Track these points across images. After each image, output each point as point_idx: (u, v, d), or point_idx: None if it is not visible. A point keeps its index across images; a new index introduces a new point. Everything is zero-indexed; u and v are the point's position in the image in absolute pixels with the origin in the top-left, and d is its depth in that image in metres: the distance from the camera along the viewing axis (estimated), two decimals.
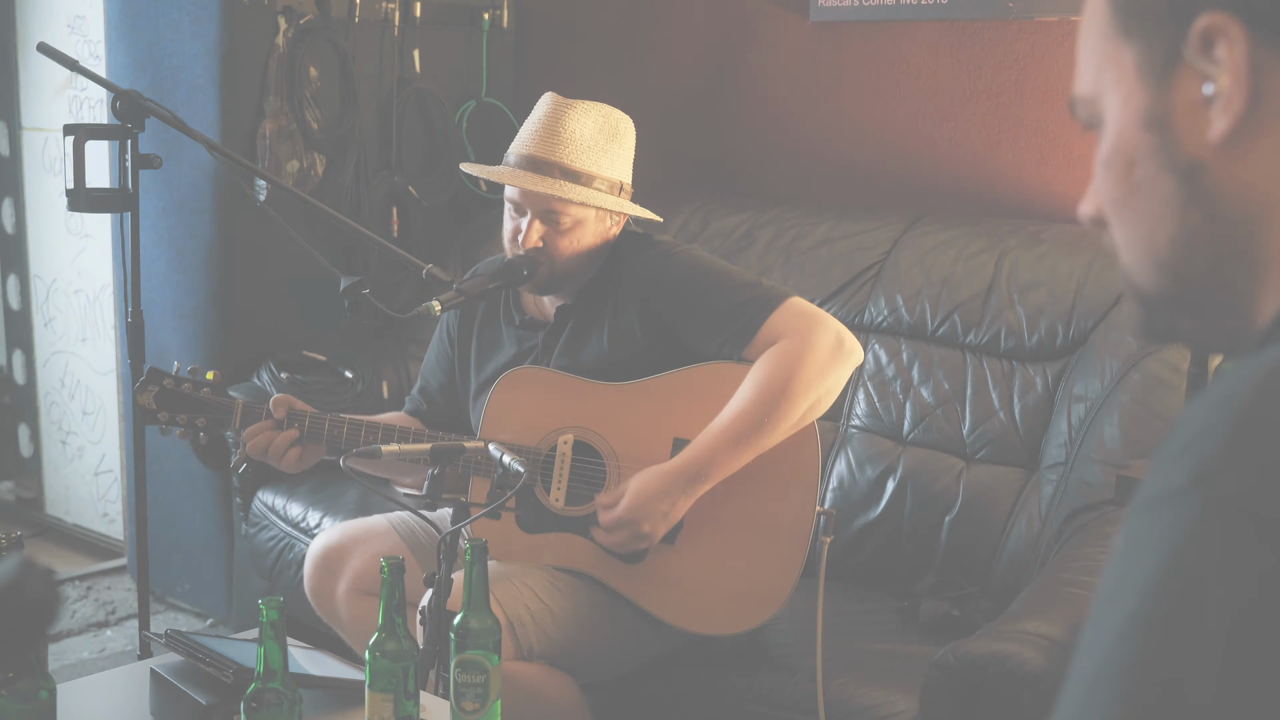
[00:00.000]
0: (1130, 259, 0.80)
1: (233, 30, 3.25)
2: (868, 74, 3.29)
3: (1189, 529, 0.59)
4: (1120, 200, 0.79)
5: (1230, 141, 0.73)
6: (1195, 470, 0.60)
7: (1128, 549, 0.62)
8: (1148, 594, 0.60)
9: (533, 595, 2.24)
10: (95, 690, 2.08)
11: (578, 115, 2.31)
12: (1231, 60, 0.71)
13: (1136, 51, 0.76)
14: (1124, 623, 0.60)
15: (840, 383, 2.24)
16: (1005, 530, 2.59)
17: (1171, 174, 0.75)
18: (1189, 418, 0.63)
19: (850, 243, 3.01)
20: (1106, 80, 0.79)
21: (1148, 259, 0.78)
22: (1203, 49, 0.73)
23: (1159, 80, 0.75)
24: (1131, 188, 0.78)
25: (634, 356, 2.32)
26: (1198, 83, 0.73)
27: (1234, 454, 0.60)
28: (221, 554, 3.47)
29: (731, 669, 2.33)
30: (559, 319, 2.40)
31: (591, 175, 2.30)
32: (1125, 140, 0.78)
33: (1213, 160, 0.73)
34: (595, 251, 2.36)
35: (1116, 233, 0.80)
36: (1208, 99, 0.73)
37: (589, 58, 3.81)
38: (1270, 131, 0.72)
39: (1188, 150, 0.74)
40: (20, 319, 4.19)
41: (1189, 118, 0.74)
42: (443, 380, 2.56)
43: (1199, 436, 0.62)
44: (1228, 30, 0.71)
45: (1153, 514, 0.61)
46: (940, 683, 2.05)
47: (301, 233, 3.34)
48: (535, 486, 2.33)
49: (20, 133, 4.07)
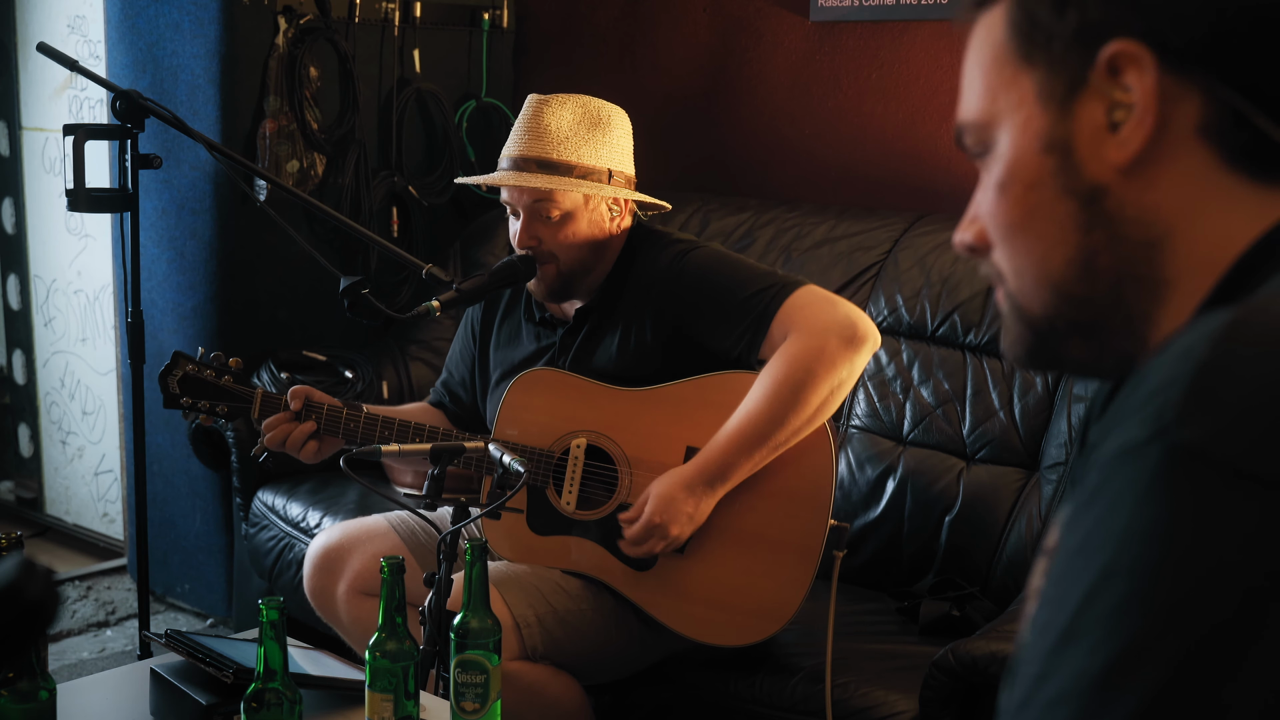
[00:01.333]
0: (1021, 283, 0.81)
1: (233, 30, 3.25)
2: (868, 74, 3.29)
3: (1151, 481, 0.60)
4: (1014, 225, 0.80)
5: (1135, 166, 0.74)
6: (1155, 423, 0.61)
7: (1093, 503, 0.63)
8: (1118, 548, 0.60)
9: (539, 596, 2.24)
10: (95, 690, 2.08)
11: (553, 109, 2.32)
12: (1142, 87, 0.73)
13: (1038, 77, 0.78)
14: (1096, 576, 0.60)
15: (856, 371, 2.20)
16: (1005, 530, 2.59)
17: (1072, 197, 0.77)
18: (1149, 373, 0.64)
19: (850, 243, 3.01)
20: (1002, 105, 0.80)
21: (1042, 282, 0.79)
22: (1110, 75, 0.74)
23: (1062, 105, 0.77)
24: (1027, 212, 0.79)
25: (648, 359, 2.31)
26: (1102, 108, 0.75)
27: (1192, 405, 0.61)
28: (221, 554, 3.47)
29: (733, 670, 2.33)
30: (577, 319, 2.40)
31: (570, 165, 2.30)
32: (1023, 164, 0.79)
33: (1115, 184, 0.75)
34: (599, 245, 2.35)
35: (1005, 258, 0.81)
36: (1112, 124, 0.75)
37: (589, 58, 3.81)
38: (1173, 156, 0.74)
39: (1089, 174, 0.76)
40: (20, 319, 4.19)
41: (1091, 142, 0.76)
42: (465, 373, 2.57)
43: (1159, 390, 0.63)
44: (1138, 58, 0.73)
45: (1116, 468, 0.62)
46: (940, 683, 2.05)
47: (301, 233, 3.34)
48: (547, 489, 2.33)
49: (20, 133, 4.07)
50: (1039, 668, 0.61)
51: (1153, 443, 0.61)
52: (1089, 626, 0.60)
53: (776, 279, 2.26)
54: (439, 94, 3.65)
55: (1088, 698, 0.58)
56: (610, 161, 2.34)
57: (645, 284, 2.33)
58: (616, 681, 2.38)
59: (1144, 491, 0.60)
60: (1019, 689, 0.63)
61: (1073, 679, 0.59)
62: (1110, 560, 0.60)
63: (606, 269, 2.38)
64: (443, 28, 3.69)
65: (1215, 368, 0.62)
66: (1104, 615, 0.59)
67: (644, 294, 2.33)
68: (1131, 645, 0.58)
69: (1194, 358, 0.62)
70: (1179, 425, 0.60)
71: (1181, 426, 0.60)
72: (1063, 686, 0.59)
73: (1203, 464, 0.59)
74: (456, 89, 3.75)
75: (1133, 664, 0.58)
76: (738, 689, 2.32)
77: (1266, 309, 0.65)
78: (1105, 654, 0.58)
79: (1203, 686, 0.57)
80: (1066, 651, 0.60)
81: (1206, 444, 0.60)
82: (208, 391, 2.33)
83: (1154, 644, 0.58)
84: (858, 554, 2.72)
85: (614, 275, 2.38)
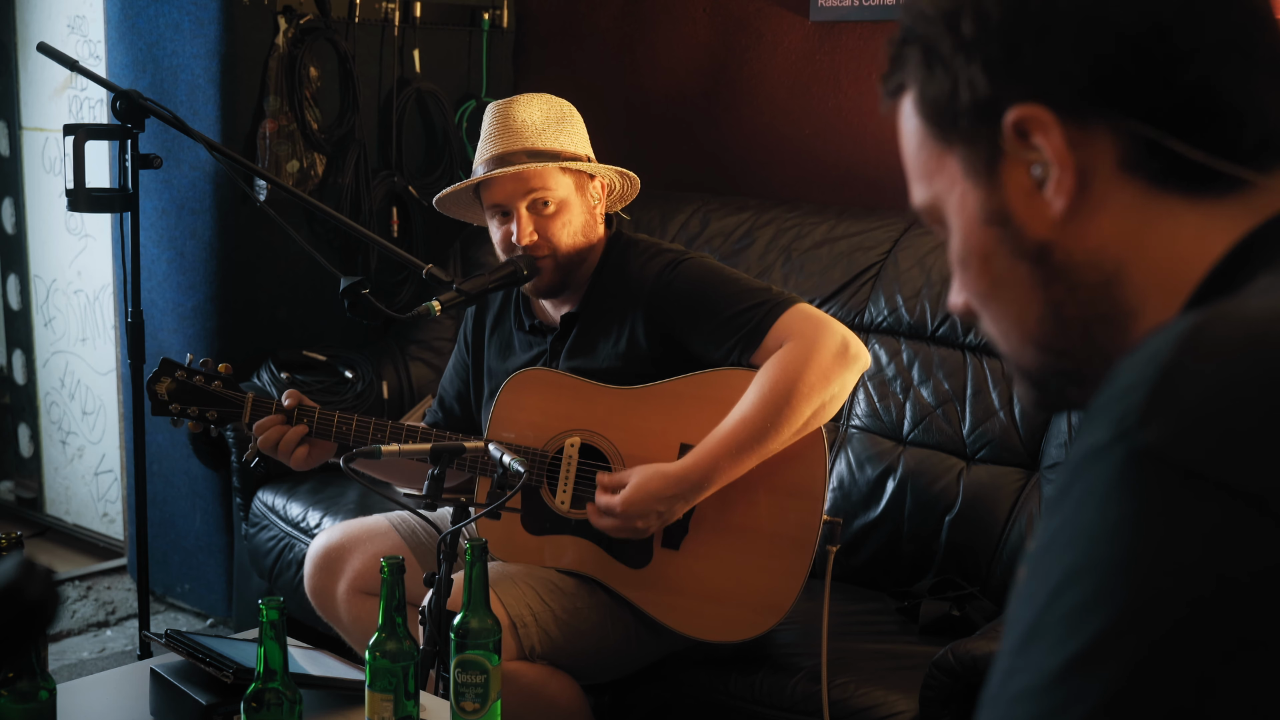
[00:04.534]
0: (1009, 345, 0.83)
1: (233, 30, 3.25)
2: (868, 74, 3.29)
3: (1113, 483, 0.61)
4: (985, 294, 0.83)
5: (1070, 216, 0.76)
6: (1119, 425, 0.62)
7: (1061, 503, 0.64)
8: (1081, 548, 0.61)
9: (536, 596, 2.24)
10: (95, 690, 2.08)
11: (522, 106, 2.35)
12: (1051, 144, 0.75)
13: (959, 155, 0.80)
14: (1061, 575, 0.61)
15: (846, 388, 2.22)
16: (1005, 530, 2.59)
17: (1023, 259, 0.79)
18: (1118, 375, 0.65)
19: (850, 243, 3.01)
20: (939, 188, 0.83)
21: (1025, 341, 0.82)
22: (1020, 140, 0.76)
23: (988, 177, 0.79)
24: (992, 280, 0.81)
25: (638, 362, 2.32)
26: (1025, 171, 0.77)
27: (1154, 407, 0.62)
28: (221, 554, 3.47)
29: (732, 670, 2.33)
30: (565, 324, 2.40)
31: (555, 151, 2.31)
32: (973, 238, 0.81)
33: (1058, 237, 0.77)
34: (590, 233, 2.37)
35: (990, 323, 0.84)
36: (1038, 182, 0.77)
37: (589, 58, 3.81)
38: (1103, 196, 0.76)
39: (1032, 234, 0.78)
40: (20, 319, 4.19)
41: (1025, 205, 0.78)
42: (460, 387, 2.57)
43: (1124, 393, 0.63)
44: (1038, 119, 0.75)
45: (1083, 469, 0.63)
46: (940, 683, 2.05)
47: (301, 233, 3.34)
48: (541, 488, 2.33)
49: (20, 133, 4.07)
50: (1007, 663, 0.63)
51: (1115, 445, 0.62)
52: (1052, 624, 0.61)
53: (770, 295, 2.26)
54: (439, 94, 3.65)
55: (1049, 694, 0.59)
56: (584, 149, 2.37)
57: (634, 289, 2.33)
58: (615, 681, 2.38)
59: (1106, 493, 0.61)
60: (990, 683, 0.64)
61: (1036, 675, 0.60)
62: (1074, 560, 0.61)
63: (591, 266, 2.38)
64: (443, 28, 3.69)
65: (1178, 371, 0.62)
66: (1066, 614, 0.60)
67: (633, 299, 2.33)
68: (1091, 643, 0.59)
69: (1158, 361, 0.63)
70: (1141, 428, 0.61)
71: (1143, 429, 0.61)
72: (1027, 682, 0.60)
73: (1163, 467, 0.60)
74: (456, 89, 3.75)
75: (1093, 662, 0.58)
76: (737, 689, 2.32)
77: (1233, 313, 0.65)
78: (1066, 652, 0.59)
79: (1160, 686, 0.57)
80: (1031, 648, 0.61)
81: (1166, 447, 0.60)
82: (197, 397, 2.32)
83: (1113, 643, 0.58)
84: (858, 554, 2.72)
85: (599, 278, 2.38)
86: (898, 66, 0.83)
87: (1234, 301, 0.68)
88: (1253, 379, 0.61)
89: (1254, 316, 0.64)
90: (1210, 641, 0.57)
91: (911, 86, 0.82)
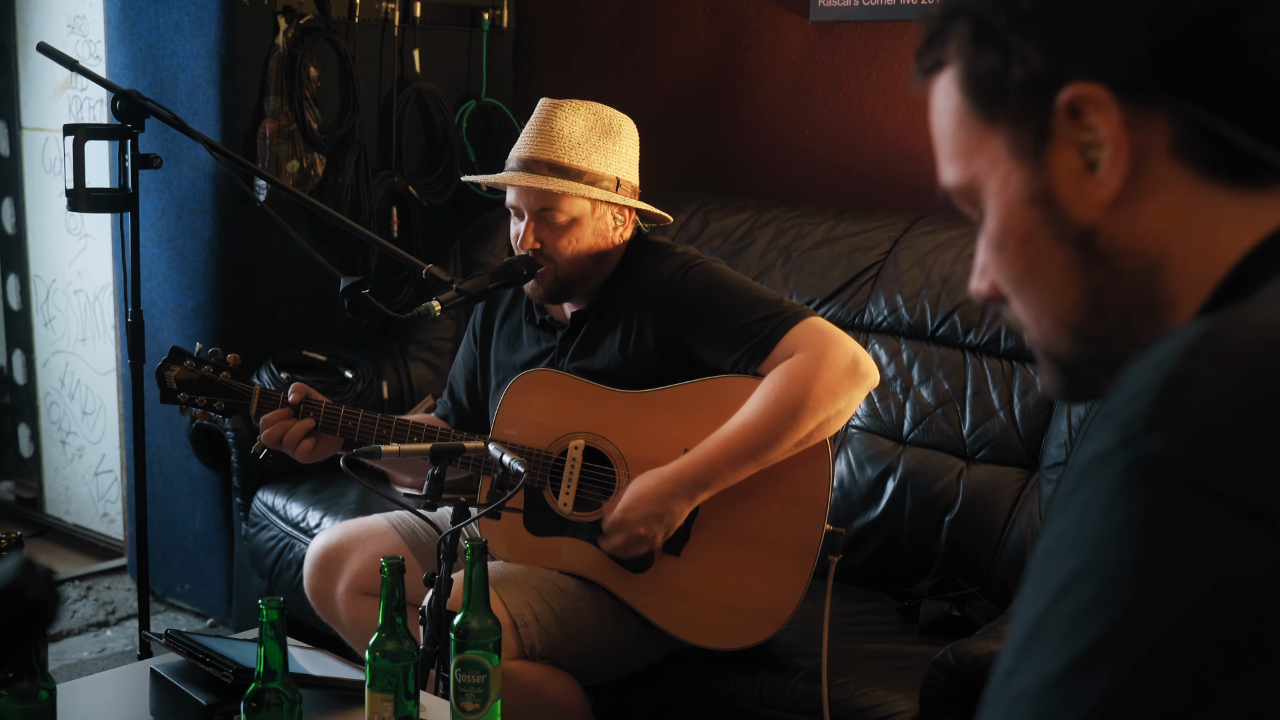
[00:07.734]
0: (1042, 330, 0.82)
1: (233, 30, 3.25)
2: (868, 74, 3.29)
3: (1116, 489, 0.61)
4: (1020, 278, 0.81)
5: (1119, 200, 0.75)
6: (1124, 432, 0.62)
7: (1066, 508, 0.64)
8: (1083, 552, 0.62)
9: (537, 596, 2.24)
10: (95, 690, 2.08)
11: (566, 114, 2.31)
12: (1107, 124, 0.74)
13: (1005, 134, 0.78)
14: (1064, 579, 0.62)
15: (853, 405, 2.20)
16: (1005, 530, 2.59)
17: (1066, 243, 0.77)
18: (1126, 380, 0.65)
19: (850, 243, 3.01)
20: (978, 167, 0.81)
21: (1060, 326, 0.80)
22: (1072, 120, 0.75)
23: (1035, 157, 0.77)
24: (1030, 263, 0.80)
25: (645, 364, 2.31)
26: (1074, 152, 0.76)
27: (1158, 416, 0.62)
28: (221, 554, 3.47)
29: (732, 670, 2.33)
30: (574, 322, 2.40)
31: (581, 170, 2.29)
32: (1013, 220, 0.80)
33: (1104, 221, 0.76)
34: (600, 255, 2.35)
35: (1021, 308, 0.83)
36: (1089, 164, 0.75)
37: (589, 58, 3.81)
38: (1154, 181, 0.74)
39: (1077, 217, 0.77)
40: (20, 319, 4.19)
41: (1072, 187, 0.76)
42: (468, 378, 2.57)
43: (1130, 400, 0.63)
44: (1095, 98, 0.74)
45: (1087, 474, 0.63)
46: (940, 683, 2.05)
47: (301, 233, 3.34)
48: (544, 490, 2.33)
49: (20, 133, 4.07)
50: (1009, 663, 0.63)
51: (1119, 451, 0.62)
52: (1054, 627, 0.61)
53: (782, 307, 2.25)
54: (439, 94, 3.65)
55: (1050, 695, 0.60)
56: (618, 170, 2.33)
57: (645, 290, 2.33)
58: (616, 681, 2.38)
59: (1109, 499, 0.61)
60: (993, 682, 0.64)
61: (1037, 675, 0.61)
62: (1077, 564, 0.62)
63: (605, 275, 2.37)
64: (443, 28, 3.69)
65: (1184, 379, 0.62)
66: (1067, 617, 0.61)
67: (644, 300, 2.32)
68: (1092, 646, 0.59)
69: (1165, 368, 0.63)
70: (1144, 435, 0.61)
71: (1147, 436, 0.61)
72: (1027, 683, 0.61)
73: (1166, 476, 0.60)
74: (456, 89, 3.75)
75: (1092, 664, 0.59)
76: (737, 689, 2.32)
77: (1244, 319, 0.65)
78: (1067, 654, 0.60)
79: (1158, 689, 0.58)
80: (1032, 650, 0.62)
81: (1170, 456, 0.60)
82: (205, 387, 2.33)
83: (1113, 646, 0.59)
84: (858, 554, 2.72)
85: (612, 280, 2.38)
86: (939, 42, 0.81)
87: (1243, 309, 0.68)
88: (1258, 389, 0.61)
89: (1262, 325, 0.64)
90: (1207, 648, 0.58)
91: (955, 62, 0.80)
